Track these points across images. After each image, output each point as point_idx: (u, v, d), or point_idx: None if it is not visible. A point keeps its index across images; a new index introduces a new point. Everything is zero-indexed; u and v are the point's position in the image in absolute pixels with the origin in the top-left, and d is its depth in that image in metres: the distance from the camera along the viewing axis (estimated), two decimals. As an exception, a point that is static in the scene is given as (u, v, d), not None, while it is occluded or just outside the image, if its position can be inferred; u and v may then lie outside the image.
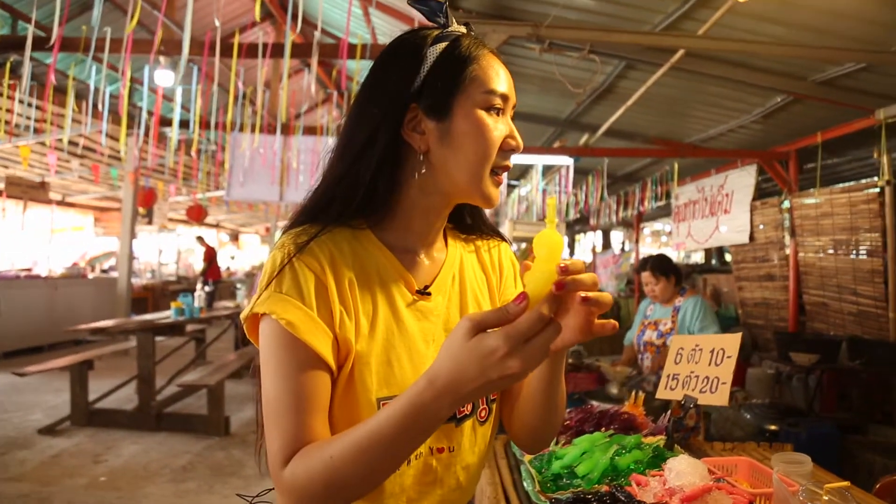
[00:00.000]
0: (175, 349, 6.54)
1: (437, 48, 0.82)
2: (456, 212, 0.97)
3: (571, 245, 15.13)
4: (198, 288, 6.34)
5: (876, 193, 4.28)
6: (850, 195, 4.52)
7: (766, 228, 5.53)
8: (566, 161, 6.41)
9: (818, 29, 3.55)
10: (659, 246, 17.91)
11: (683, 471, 1.27)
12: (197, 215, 10.97)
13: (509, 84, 0.85)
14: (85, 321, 6.27)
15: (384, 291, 0.85)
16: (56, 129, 6.76)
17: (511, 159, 0.86)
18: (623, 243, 16.34)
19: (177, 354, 6.55)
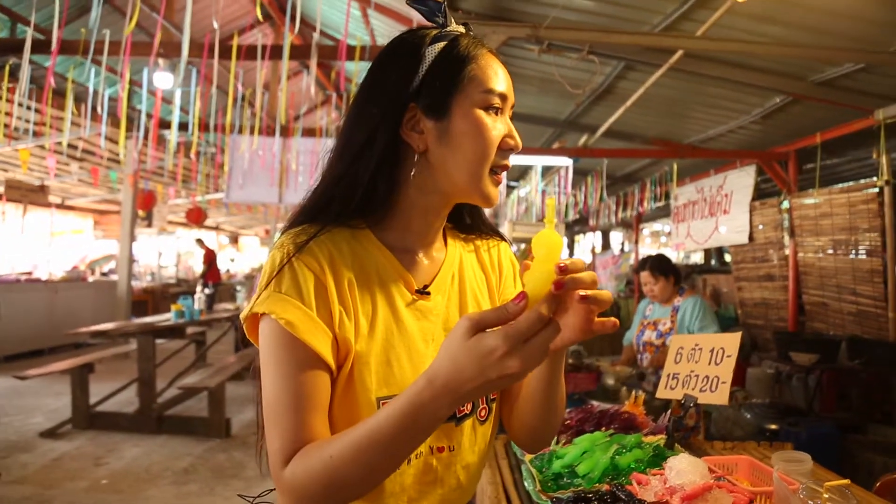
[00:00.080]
0: (175, 352, 6.54)
1: (436, 48, 0.82)
2: (455, 211, 0.97)
3: (571, 246, 15.13)
4: (198, 290, 6.32)
5: (875, 193, 4.29)
6: (850, 195, 4.53)
7: (766, 229, 5.53)
8: (565, 162, 6.42)
9: (817, 29, 3.55)
10: (658, 246, 17.91)
11: (684, 469, 1.27)
12: (196, 218, 10.96)
13: (508, 83, 0.85)
14: (85, 324, 6.27)
15: (383, 291, 0.85)
16: (55, 133, 6.77)
17: (510, 159, 0.86)
18: (622, 244, 16.35)
19: (177, 357, 6.55)
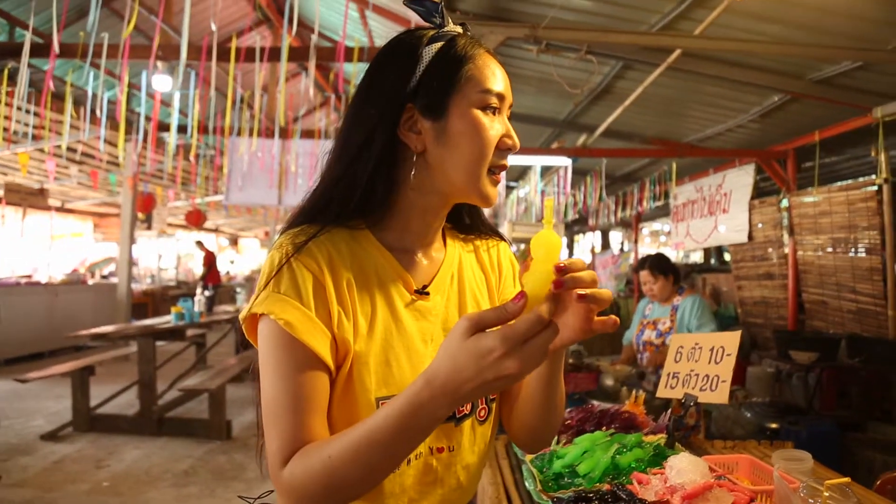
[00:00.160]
0: (176, 354, 6.55)
1: (433, 48, 0.82)
2: (455, 212, 0.97)
3: (570, 246, 15.12)
4: (198, 292, 6.32)
5: (874, 191, 4.29)
6: (849, 193, 4.53)
7: (765, 227, 5.53)
8: (564, 162, 6.42)
9: (815, 27, 3.56)
10: (658, 246, 17.90)
11: (684, 469, 1.27)
12: (196, 220, 10.96)
13: (506, 83, 0.85)
14: (85, 327, 6.26)
15: (382, 291, 0.85)
16: (54, 136, 6.77)
17: (508, 159, 0.86)
18: (622, 243, 16.34)
19: (177, 359, 6.55)
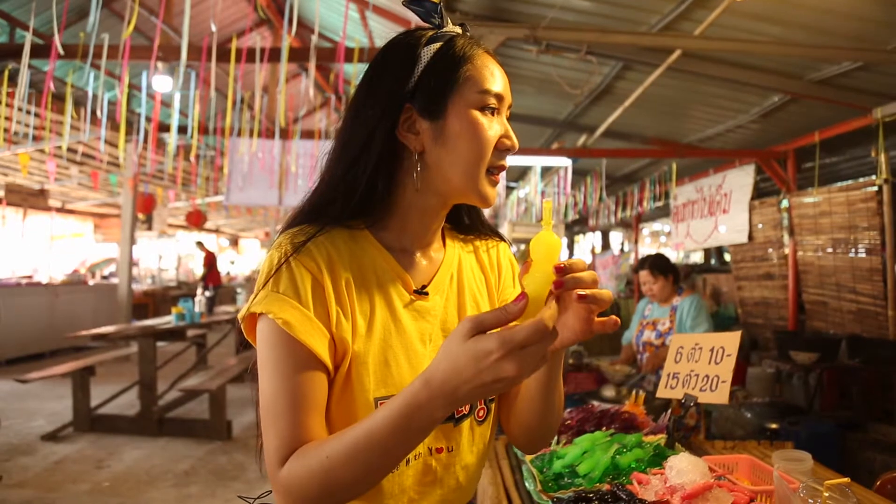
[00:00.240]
0: (176, 354, 6.55)
1: (432, 48, 0.82)
2: (454, 212, 0.97)
3: (570, 246, 15.11)
4: (198, 293, 6.32)
5: (874, 192, 4.29)
6: (849, 194, 4.53)
7: (765, 228, 5.53)
8: (564, 162, 6.43)
9: (814, 28, 3.56)
10: (658, 246, 17.88)
11: (684, 469, 1.27)
12: (196, 220, 10.97)
13: (504, 84, 0.84)
14: (86, 328, 6.26)
15: (381, 291, 0.85)
16: (55, 137, 6.78)
17: (507, 159, 0.86)
18: (622, 244, 16.33)
19: (178, 359, 6.55)
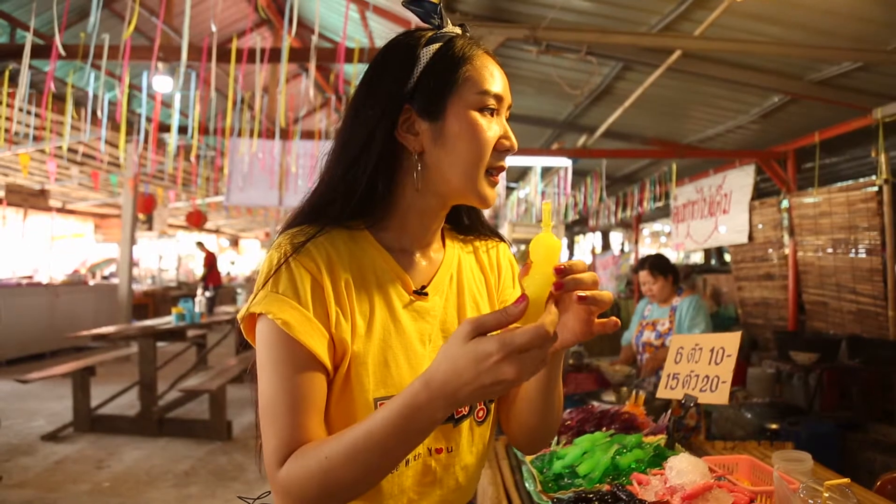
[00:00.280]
0: (176, 355, 6.55)
1: (431, 49, 0.82)
2: (454, 212, 0.97)
3: (571, 247, 15.12)
4: (198, 293, 6.32)
5: (874, 192, 4.29)
6: (849, 194, 4.53)
7: (765, 228, 5.54)
8: (565, 162, 6.43)
9: (814, 28, 3.56)
10: (658, 247, 17.87)
11: (684, 469, 1.28)
12: (197, 221, 10.97)
13: (504, 84, 0.84)
14: (86, 328, 6.26)
15: (381, 292, 0.85)
16: (55, 137, 6.78)
17: (507, 160, 0.86)
18: (622, 244, 16.33)
19: (178, 360, 6.55)
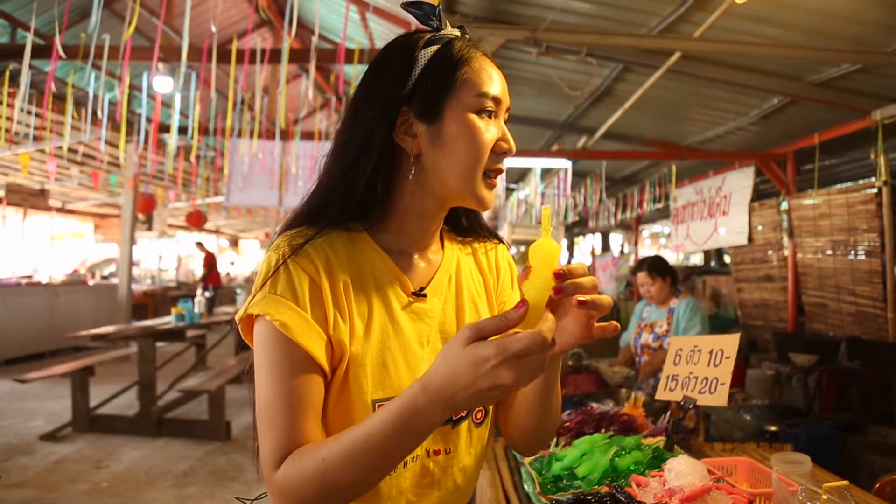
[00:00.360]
0: (176, 355, 6.55)
1: (429, 51, 0.82)
2: (453, 214, 0.97)
3: (570, 248, 15.12)
4: (198, 293, 6.31)
5: (873, 194, 4.30)
6: (848, 196, 4.54)
7: (765, 230, 5.54)
8: (564, 164, 6.43)
9: (814, 30, 3.57)
10: (658, 248, 17.87)
11: (683, 471, 1.28)
12: (196, 221, 10.97)
13: (502, 87, 0.84)
14: (85, 328, 6.26)
15: (379, 293, 0.85)
16: (55, 137, 6.78)
17: (504, 162, 0.86)
18: (622, 246, 16.33)
19: (177, 360, 6.55)
